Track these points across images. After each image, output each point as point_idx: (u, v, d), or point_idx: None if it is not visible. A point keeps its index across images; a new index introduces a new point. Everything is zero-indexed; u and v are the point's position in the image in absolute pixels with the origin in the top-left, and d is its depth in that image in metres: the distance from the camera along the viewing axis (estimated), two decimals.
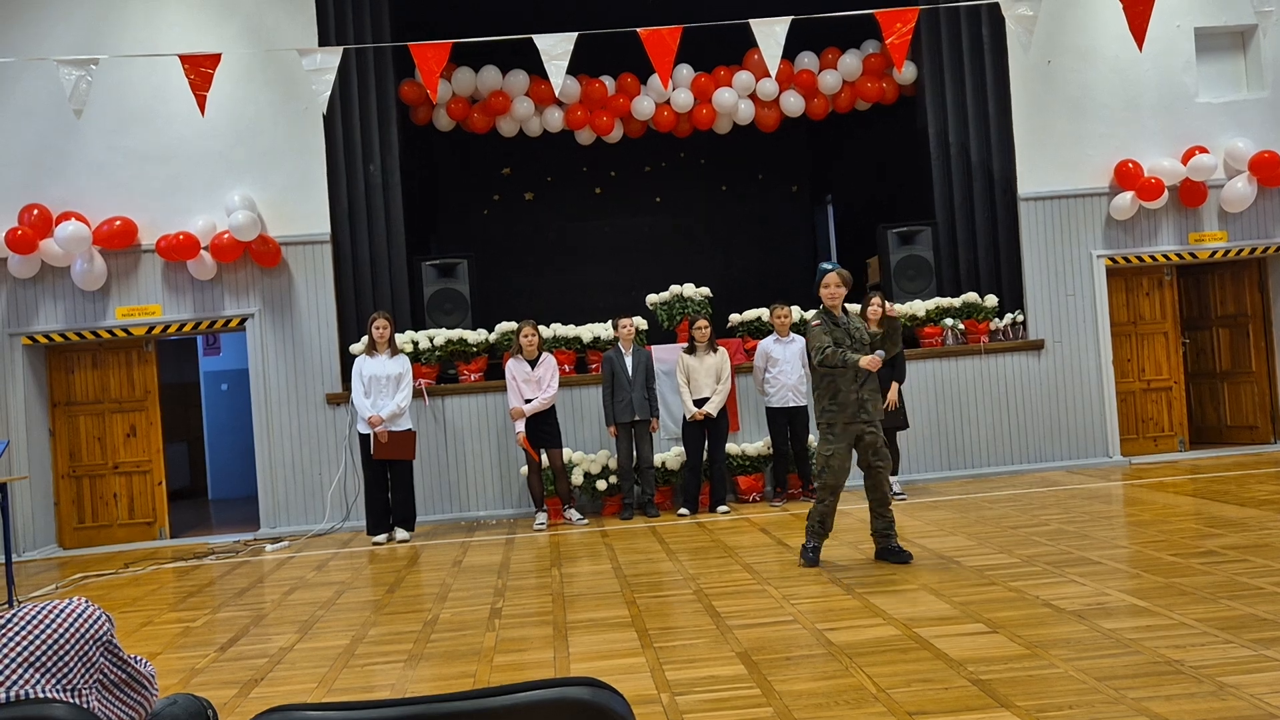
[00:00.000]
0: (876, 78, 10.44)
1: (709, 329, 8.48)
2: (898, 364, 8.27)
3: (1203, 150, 9.69)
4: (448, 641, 4.89)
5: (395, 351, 8.18)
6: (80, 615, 1.56)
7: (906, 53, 8.09)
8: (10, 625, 1.52)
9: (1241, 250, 9.94)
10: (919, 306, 9.47)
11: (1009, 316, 9.68)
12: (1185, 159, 9.71)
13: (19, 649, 1.49)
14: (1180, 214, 9.89)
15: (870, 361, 5.70)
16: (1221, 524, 6.40)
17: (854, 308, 9.34)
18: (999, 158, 9.83)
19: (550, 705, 1.36)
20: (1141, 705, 3.34)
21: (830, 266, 6.04)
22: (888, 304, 6.08)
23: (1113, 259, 9.85)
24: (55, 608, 1.56)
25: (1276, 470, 8.59)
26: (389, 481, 8.12)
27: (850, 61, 10.39)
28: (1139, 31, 7.42)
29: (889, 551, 5.91)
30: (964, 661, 3.94)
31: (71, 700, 1.50)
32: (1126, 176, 9.65)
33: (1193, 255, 9.94)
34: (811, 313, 9.49)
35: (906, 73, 10.14)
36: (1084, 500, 7.71)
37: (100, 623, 1.58)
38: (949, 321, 9.45)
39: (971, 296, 9.53)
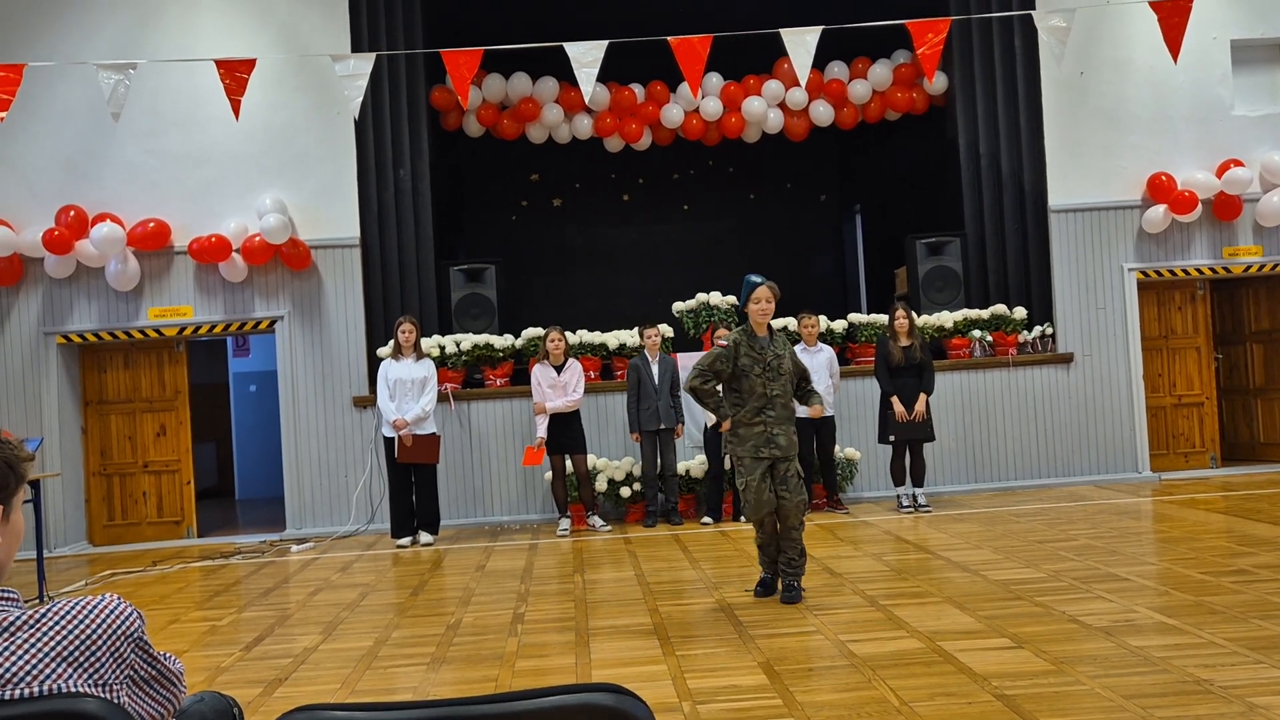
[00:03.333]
0: (907, 88, 10.40)
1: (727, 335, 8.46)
2: (926, 375, 8.23)
3: (1238, 163, 9.57)
4: (470, 645, 4.90)
5: (421, 355, 8.23)
6: (113, 611, 1.58)
7: (938, 63, 8.06)
8: (45, 620, 1.54)
9: (1277, 265, 9.80)
10: (947, 318, 9.41)
11: (1038, 329, 9.60)
12: (1220, 172, 9.59)
13: (53, 644, 1.52)
14: (1214, 228, 9.77)
15: (815, 410, 5.52)
16: (1253, 542, 6.30)
17: (877, 318, 9.37)
18: (1030, 169, 9.76)
19: (574, 710, 1.36)
20: None
21: (759, 280, 5.42)
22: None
23: (1144, 272, 9.74)
24: (88, 603, 1.58)
25: None
26: (413, 485, 8.16)
27: (881, 71, 10.36)
28: (1174, 43, 7.36)
29: (785, 588, 5.44)
30: (988, 676, 3.90)
31: (103, 695, 1.52)
32: (1160, 189, 9.55)
33: (1226, 270, 9.82)
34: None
35: (937, 83, 10.10)
36: (1113, 516, 7.62)
37: (132, 619, 1.61)
38: (977, 333, 9.38)
39: (1000, 308, 9.46)
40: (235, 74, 7.49)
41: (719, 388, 5.51)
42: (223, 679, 4.58)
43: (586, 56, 7.53)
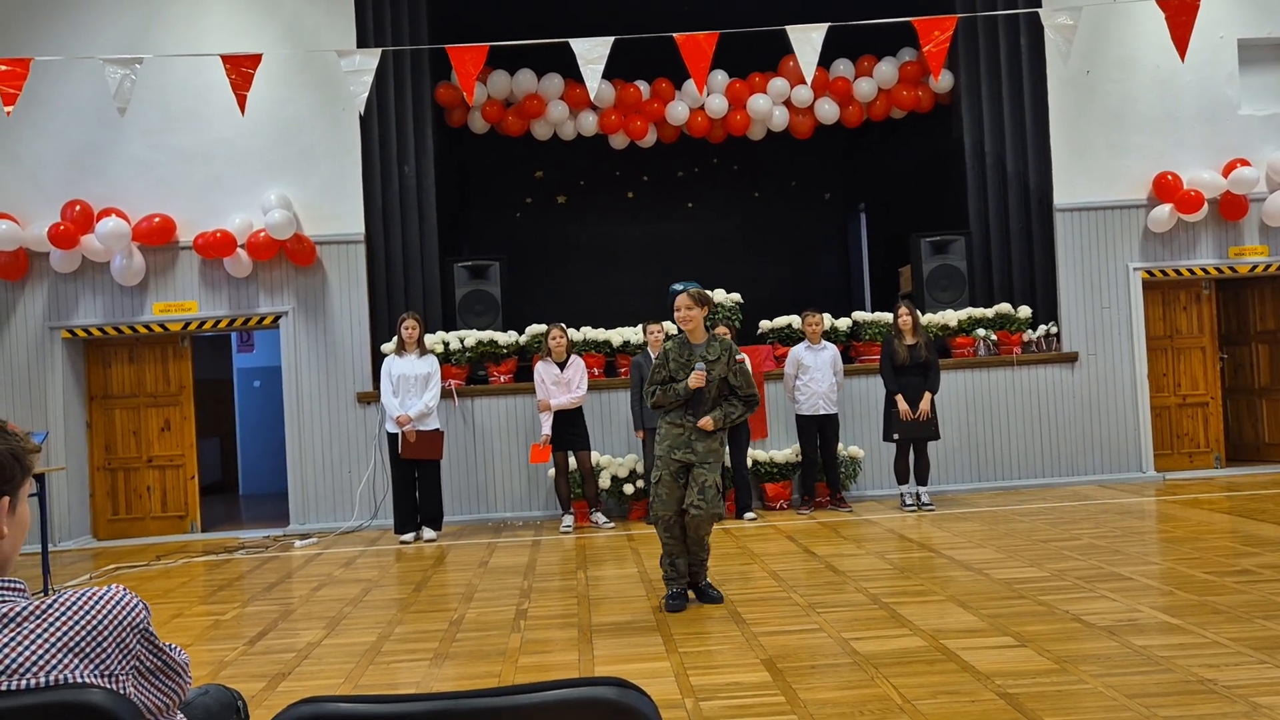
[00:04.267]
0: (912, 86, 10.38)
1: (728, 334, 8.44)
2: (931, 374, 8.22)
3: (1244, 163, 9.55)
4: (473, 641, 4.91)
5: (424, 352, 8.24)
6: (119, 602, 1.59)
7: (944, 61, 8.04)
8: (51, 611, 1.55)
9: None
10: (951, 317, 9.40)
11: (1043, 328, 9.58)
12: (1226, 171, 9.57)
13: (59, 634, 1.52)
14: (1220, 227, 9.75)
15: (704, 423, 5.25)
16: (1257, 542, 6.29)
17: (882, 316, 9.35)
18: (1035, 168, 9.74)
19: (577, 704, 1.36)
20: None
21: (680, 287, 5.34)
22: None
23: (1150, 272, 9.72)
24: (95, 594, 1.58)
25: None
26: (416, 481, 8.17)
27: (886, 69, 10.34)
28: (1181, 42, 7.34)
29: (698, 590, 5.46)
30: (991, 675, 3.90)
31: (109, 686, 1.53)
32: (1165, 189, 9.53)
33: (1232, 269, 9.79)
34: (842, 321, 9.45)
35: (943, 81, 10.08)
36: (1116, 515, 7.61)
37: (138, 610, 1.61)
38: (981, 332, 9.37)
39: (1004, 307, 9.45)
40: (241, 69, 7.50)
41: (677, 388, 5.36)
42: (226, 673, 4.59)
43: (592, 53, 7.53)
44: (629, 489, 8.62)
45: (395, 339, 8.35)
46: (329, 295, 9.30)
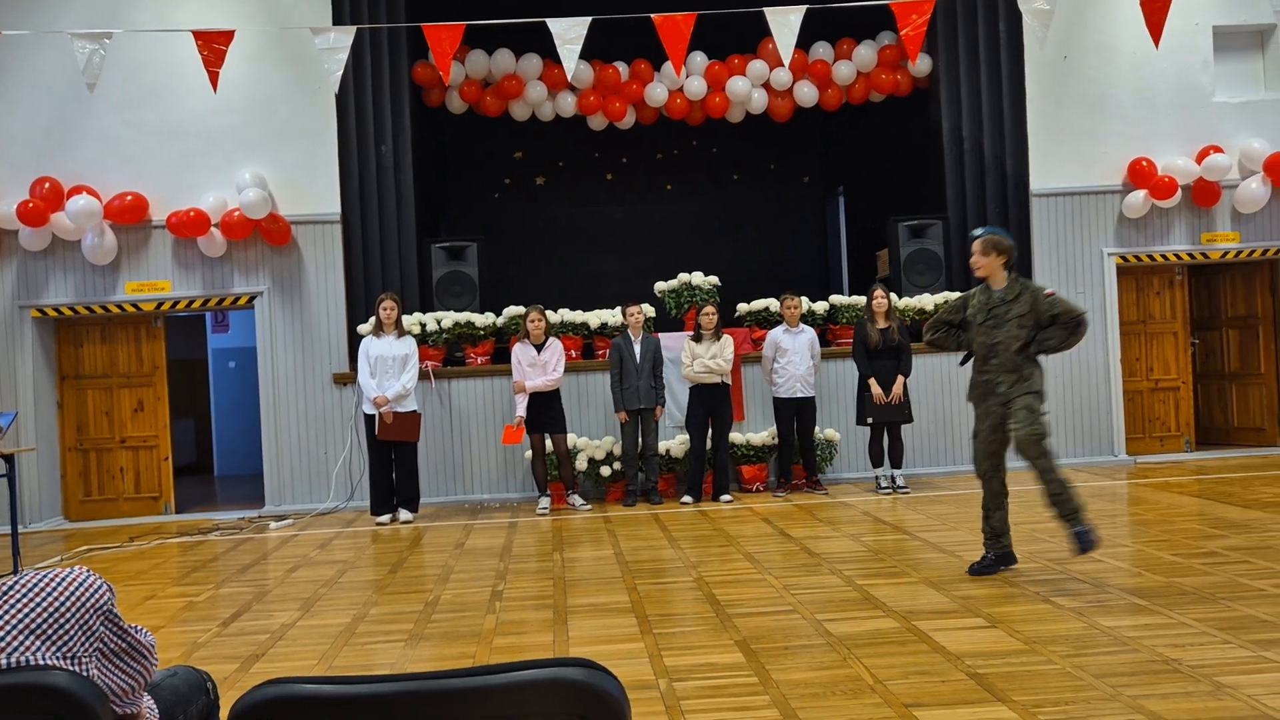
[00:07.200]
0: (891, 70, 10.38)
1: (716, 316, 8.47)
2: (904, 358, 8.27)
3: (1218, 150, 9.63)
4: (448, 622, 4.91)
5: (402, 333, 8.20)
6: (81, 584, 1.58)
7: (921, 44, 8.04)
8: (12, 593, 1.53)
9: (1254, 252, 9.89)
10: (928, 300, 9.44)
11: None
12: (1200, 158, 9.65)
13: (20, 616, 1.51)
14: (1193, 214, 9.84)
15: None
16: (1225, 525, 6.38)
17: (859, 300, 9.38)
18: (1012, 153, 9.78)
19: (544, 685, 1.37)
20: (1137, 703, 3.35)
21: (980, 232, 5.43)
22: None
23: (1124, 257, 9.81)
24: (56, 576, 1.57)
25: None
26: (393, 462, 8.15)
27: (865, 52, 10.33)
28: (1156, 29, 7.37)
29: (1004, 557, 5.39)
30: (962, 655, 3.94)
31: (71, 668, 1.51)
32: (1140, 174, 9.60)
33: (1204, 255, 9.89)
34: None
35: (921, 65, 10.09)
36: (1088, 498, 7.67)
37: (101, 592, 1.60)
38: None
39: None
40: (213, 45, 7.39)
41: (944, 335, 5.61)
42: (199, 654, 4.57)
43: (570, 33, 7.48)
44: (606, 471, 8.63)
45: (373, 320, 8.31)
46: (305, 275, 9.23)
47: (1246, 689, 3.44)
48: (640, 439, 8.40)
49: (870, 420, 8.30)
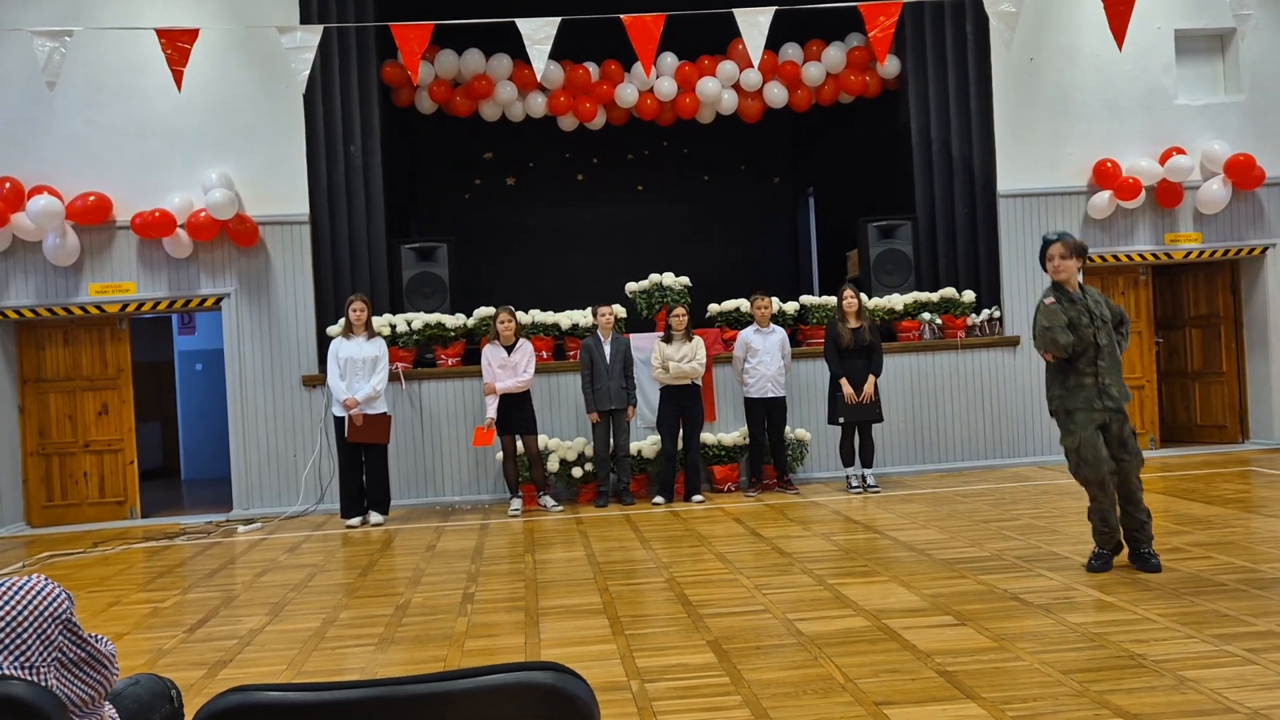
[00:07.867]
0: (860, 71, 10.45)
1: (687, 317, 8.48)
2: (875, 357, 8.33)
3: (1180, 151, 9.78)
4: (419, 626, 4.88)
5: (372, 334, 8.14)
6: (39, 593, 1.55)
7: (889, 46, 8.10)
8: None
9: (1215, 252, 10.05)
10: (897, 301, 9.51)
11: (986, 312, 9.74)
12: (1163, 160, 9.78)
13: None
14: (1156, 214, 9.98)
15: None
16: (1188, 521, 6.48)
17: (829, 300, 9.44)
18: (979, 154, 9.87)
19: (512, 689, 1.36)
20: (1103, 698, 3.39)
21: (1055, 236, 5.30)
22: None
23: (1089, 257, 9.91)
24: (13, 585, 1.54)
25: (1243, 469, 8.71)
26: (363, 465, 8.09)
27: (834, 54, 10.39)
28: (1119, 32, 7.47)
29: (1137, 557, 5.26)
30: (931, 653, 3.97)
31: (30, 678, 1.49)
32: (1105, 176, 9.72)
33: (1168, 255, 10.03)
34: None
35: (889, 67, 10.16)
36: (1055, 496, 7.78)
37: (59, 600, 1.57)
38: (926, 316, 9.49)
39: (949, 291, 9.58)
40: (177, 44, 7.30)
41: None
42: (165, 661, 4.51)
43: (539, 33, 7.46)
44: (577, 472, 8.62)
45: (343, 321, 8.24)
46: (273, 277, 9.14)
47: (1209, 682, 3.49)
48: (612, 440, 8.39)
49: (842, 420, 8.34)
